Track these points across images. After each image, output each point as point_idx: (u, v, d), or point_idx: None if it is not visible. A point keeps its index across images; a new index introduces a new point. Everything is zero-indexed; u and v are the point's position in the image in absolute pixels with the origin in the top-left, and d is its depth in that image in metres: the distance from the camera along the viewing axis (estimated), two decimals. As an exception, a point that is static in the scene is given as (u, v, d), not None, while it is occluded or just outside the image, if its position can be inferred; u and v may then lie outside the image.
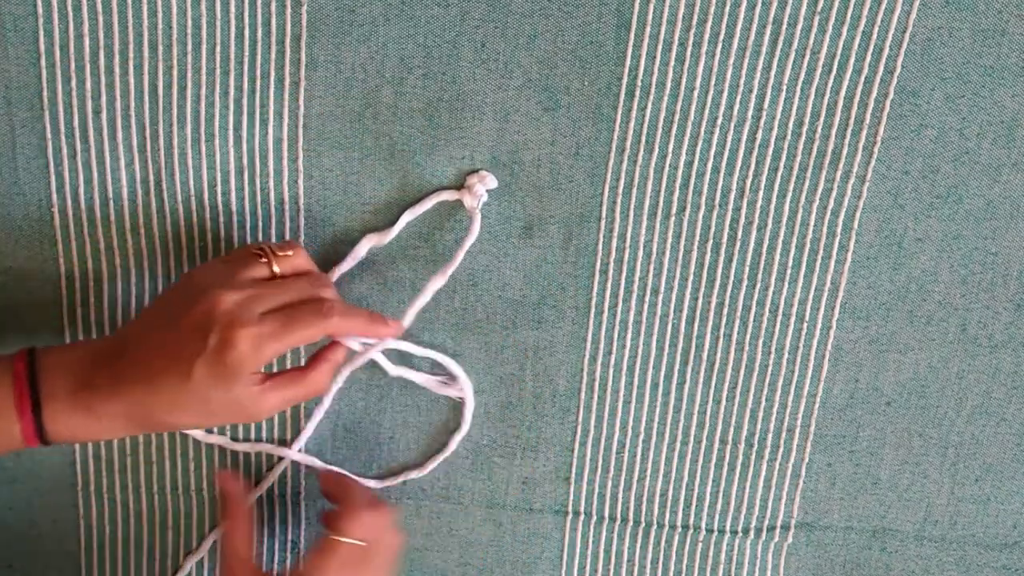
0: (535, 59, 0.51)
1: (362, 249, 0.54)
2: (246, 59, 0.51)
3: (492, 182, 0.53)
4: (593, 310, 0.56)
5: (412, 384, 0.57)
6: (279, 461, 0.59)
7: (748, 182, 0.53)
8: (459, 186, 0.53)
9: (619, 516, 0.60)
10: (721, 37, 0.50)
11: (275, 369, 0.54)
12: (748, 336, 0.56)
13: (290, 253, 0.50)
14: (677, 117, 0.52)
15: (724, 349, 0.57)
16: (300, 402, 0.53)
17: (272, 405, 0.48)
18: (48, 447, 0.48)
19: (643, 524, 0.61)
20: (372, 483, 0.59)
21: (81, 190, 0.53)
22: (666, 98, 0.51)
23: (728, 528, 0.61)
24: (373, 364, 0.56)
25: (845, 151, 0.52)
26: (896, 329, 0.56)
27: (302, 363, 0.56)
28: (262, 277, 0.49)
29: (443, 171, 0.53)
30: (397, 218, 0.54)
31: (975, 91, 0.51)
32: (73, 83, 0.51)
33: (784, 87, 0.51)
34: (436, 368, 0.57)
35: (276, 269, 0.49)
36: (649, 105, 0.51)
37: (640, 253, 0.55)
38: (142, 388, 0.47)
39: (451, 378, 0.57)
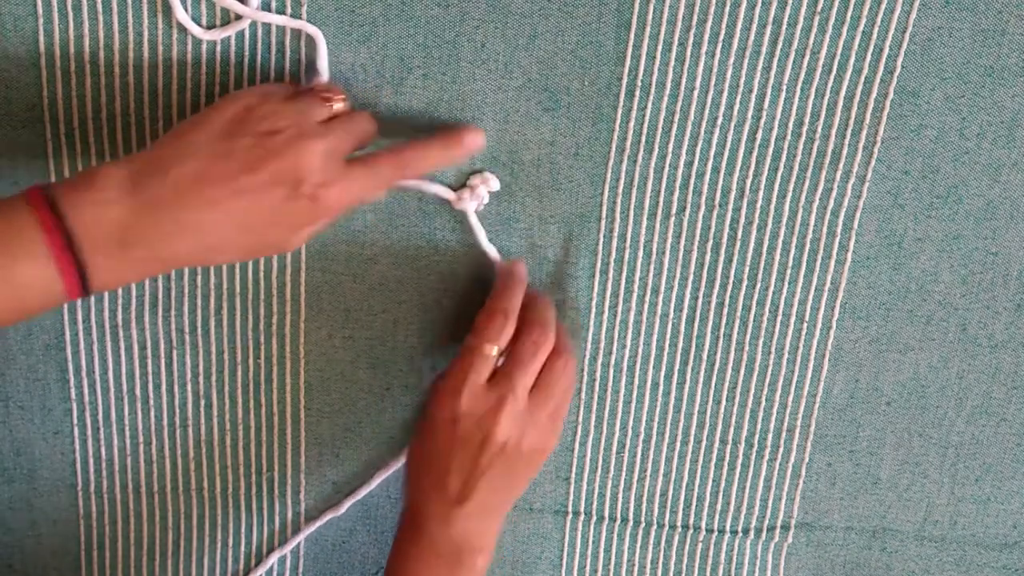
0: (535, 59, 0.51)
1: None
2: (246, 59, 0.51)
3: (495, 183, 0.53)
4: (593, 310, 0.56)
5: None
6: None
7: (748, 182, 0.53)
8: (461, 186, 0.53)
9: (619, 516, 0.60)
10: (721, 37, 0.50)
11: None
12: (748, 336, 0.56)
13: (346, 97, 0.49)
14: (677, 117, 0.52)
15: (724, 349, 0.57)
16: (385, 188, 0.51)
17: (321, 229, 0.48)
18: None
19: (643, 524, 0.61)
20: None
21: (81, 190, 0.53)
22: (666, 98, 0.51)
23: (728, 528, 0.61)
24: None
25: (845, 151, 0.52)
26: (896, 329, 0.56)
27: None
28: (325, 117, 0.47)
29: (444, 171, 0.53)
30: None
31: (975, 91, 0.51)
32: (73, 83, 0.51)
33: (784, 87, 0.51)
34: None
35: (337, 107, 0.48)
36: (649, 105, 0.51)
37: (640, 253, 0.55)
38: (212, 238, 0.44)
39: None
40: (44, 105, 0.51)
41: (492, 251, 0.54)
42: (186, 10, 0.49)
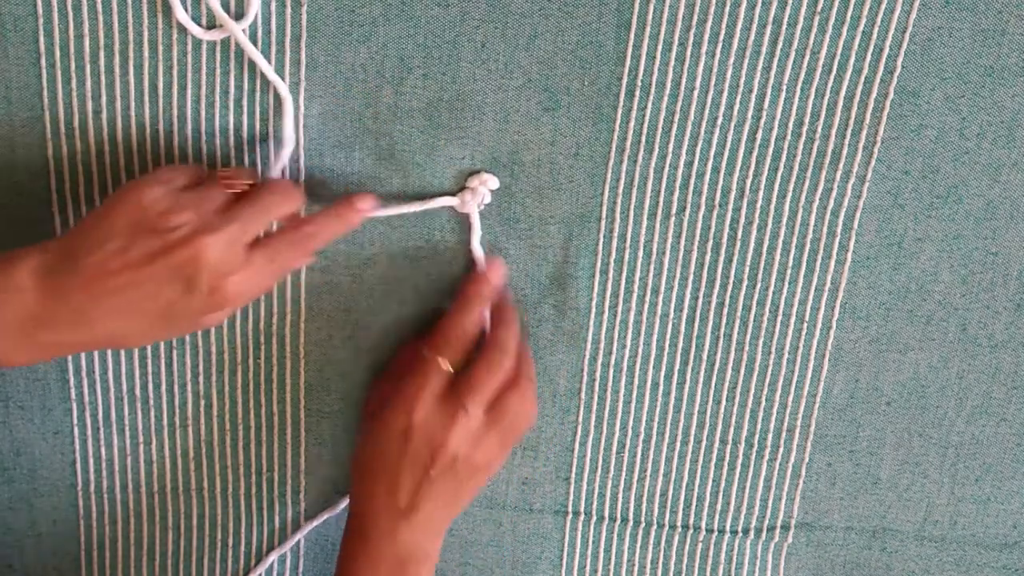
0: (535, 59, 0.51)
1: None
2: (246, 59, 0.51)
3: (494, 183, 0.53)
4: (593, 310, 0.56)
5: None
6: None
7: (748, 182, 0.53)
8: (461, 187, 0.53)
9: (619, 516, 0.61)
10: (721, 37, 0.50)
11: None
12: (748, 336, 0.56)
13: (254, 180, 0.50)
14: (677, 117, 0.52)
15: (724, 349, 0.57)
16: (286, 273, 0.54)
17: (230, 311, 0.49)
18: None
19: (643, 524, 0.61)
20: None
21: (81, 190, 0.53)
22: (666, 98, 0.51)
23: (728, 528, 0.61)
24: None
25: (845, 151, 0.52)
26: (896, 329, 0.56)
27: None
28: (228, 201, 0.48)
29: (443, 171, 0.53)
30: (397, 218, 0.54)
31: (975, 91, 0.51)
32: (73, 83, 0.51)
33: (784, 87, 0.51)
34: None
35: (238, 190, 0.49)
36: (649, 105, 0.51)
37: (640, 253, 0.55)
38: (113, 323, 0.46)
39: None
40: (44, 105, 0.51)
41: (480, 253, 0.54)
42: (186, 10, 0.49)
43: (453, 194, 0.53)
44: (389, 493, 0.51)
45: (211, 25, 0.50)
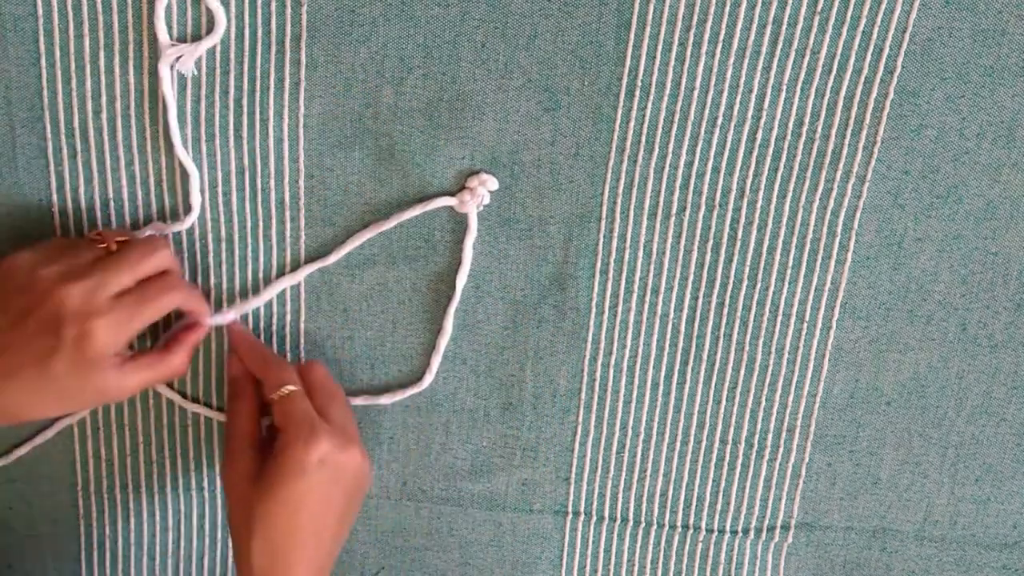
0: (535, 59, 0.51)
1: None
2: (246, 59, 0.51)
3: (493, 184, 0.53)
4: (593, 310, 0.56)
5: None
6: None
7: (748, 182, 0.53)
8: (460, 187, 0.53)
9: (619, 516, 0.60)
10: (721, 37, 0.50)
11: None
12: (748, 336, 0.56)
13: (125, 238, 0.50)
14: (677, 117, 0.52)
15: (724, 349, 0.57)
16: (161, 382, 0.54)
17: (133, 385, 0.49)
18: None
19: (643, 524, 0.61)
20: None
21: (81, 190, 0.53)
22: (666, 98, 0.51)
23: (728, 528, 0.61)
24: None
25: (845, 151, 0.52)
26: (896, 329, 0.56)
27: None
28: (98, 258, 0.49)
29: (443, 171, 0.53)
30: (399, 220, 0.54)
31: (975, 91, 0.51)
32: (73, 83, 0.51)
33: (784, 87, 0.51)
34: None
35: (112, 248, 0.50)
36: (649, 105, 0.51)
37: (640, 253, 0.55)
38: (5, 395, 0.46)
39: None
40: (44, 105, 0.51)
41: (469, 255, 0.54)
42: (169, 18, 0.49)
43: (453, 194, 0.53)
44: (316, 540, 0.50)
45: (195, 36, 0.50)
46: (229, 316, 0.55)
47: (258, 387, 0.53)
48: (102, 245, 0.49)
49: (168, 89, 0.50)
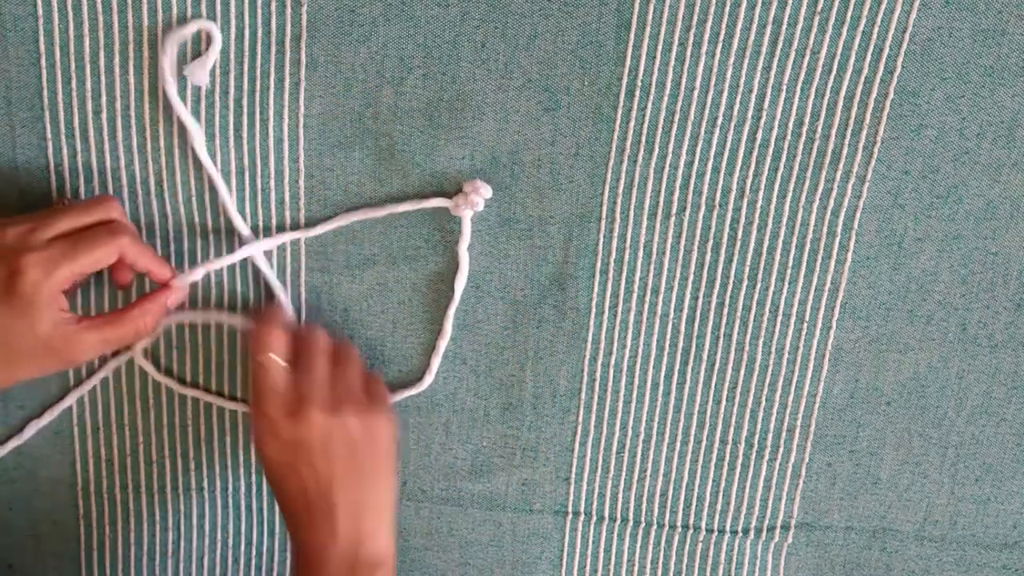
0: (535, 59, 0.51)
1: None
2: (246, 59, 0.51)
3: (487, 192, 0.52)
4: (593, 310, 0.56)
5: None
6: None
7: (748, 182, 0.53)
8: (459, 188, 0.53)
9: (619, 516, 0.61)
10: (721, 37, 0.50)
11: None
12: (748, 336, 0.56)
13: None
14: (677, 117, 0.52)
15: (724, 349, 0.57)
16: (123, 344, 0.51)
17: (89, 345, 0.48)
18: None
19: (643, 524, 0.61)
20: None
21: (81, 190, 0.53)
22: (666, 98, 0.51)
23: (728, 528, 0.61)
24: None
25: (845, 151, 0.52)
26: (896, 329, 0.56)
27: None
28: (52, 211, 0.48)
29: (443, 171, 0.53)
30: (395, 219, 0.54)
31: (975, 91, 0.51)
32: (73, 83, 0.51)
33: (784, 87, 0.51)
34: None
35: (65, 202, 0.49)
36: (649, 105, 0.51)
37: (640, 253, 0.55)
38: None
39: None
40: (44, 105, 0.51)
41: (465, 258, 0.54)
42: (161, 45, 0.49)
43: (452, 195, 0.53)
44: (305, 511, 0.50)
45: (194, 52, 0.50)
46: (198, 272, 0.53)
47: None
48: (59, 202, 0.50)
49: (187, 116, 0.51)
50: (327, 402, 0.50)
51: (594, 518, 0.61)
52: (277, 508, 0.60)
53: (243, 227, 0.54)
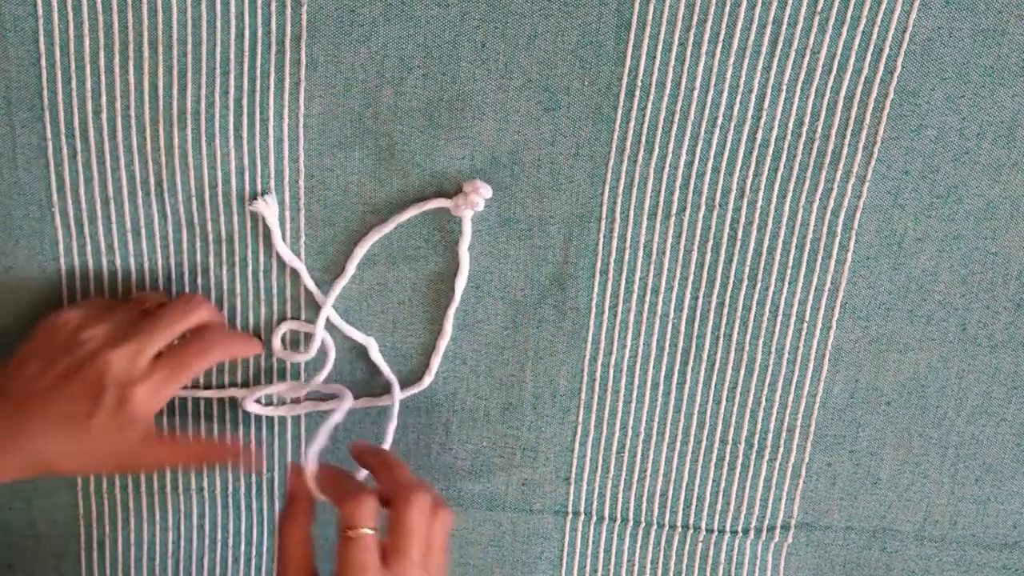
0: (535, 59, 0.51)
1: (352, 265, 0.55)
2: (246, 59, 0.51)
3: (487, 191, 0.52)
4: (593, 310, 0.56)
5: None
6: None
7: (748, 182, 0.53)
8: (459, 188, 0.53)
9: (619, 516, 0.60)
10: (721, 37, 0.50)
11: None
12: (748, 336, 0.56)
13: (161, 299, 0.53)
14: (677, 117, 0.52)
15: (724, 349, 0.57)
16: (184, 465, 0.57)
17: (160, 461, 0.51)
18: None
19: (643, 524, 0.61)
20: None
21: (81, 190, 0.53)
22: (666, 98, 0.51)
23: (728, 528, 0.61)
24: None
25: (845, 151, 0.52)
26: (896, 329, 0.56)
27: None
28: (137, 318, 0.51)
29: (443, 171, 0.53)
30: (397, 222, 0.54)
31: (975, 91, 0.51)
32: (73, 83, 0.51)
33: (784, 87, 0.51)
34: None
35: (145, 306, 0.52)
36: (649, 105, 0.51)
37: (640, 253, 0.55)
38: (39, 440, 0.48)
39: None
40: (44, 105, 0.51)
41: (465, 258, 0.54)
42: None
43: (452, 195, 0.53)
44: None
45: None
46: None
47: (311, 508, 0.51)
48: (144, 307, 0.52)
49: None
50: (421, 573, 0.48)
51: (594, 518, 0.61)
52: (277, 508, 0.60)
53: (320, 296, 0.55)
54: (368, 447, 0.54)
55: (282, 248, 0.54)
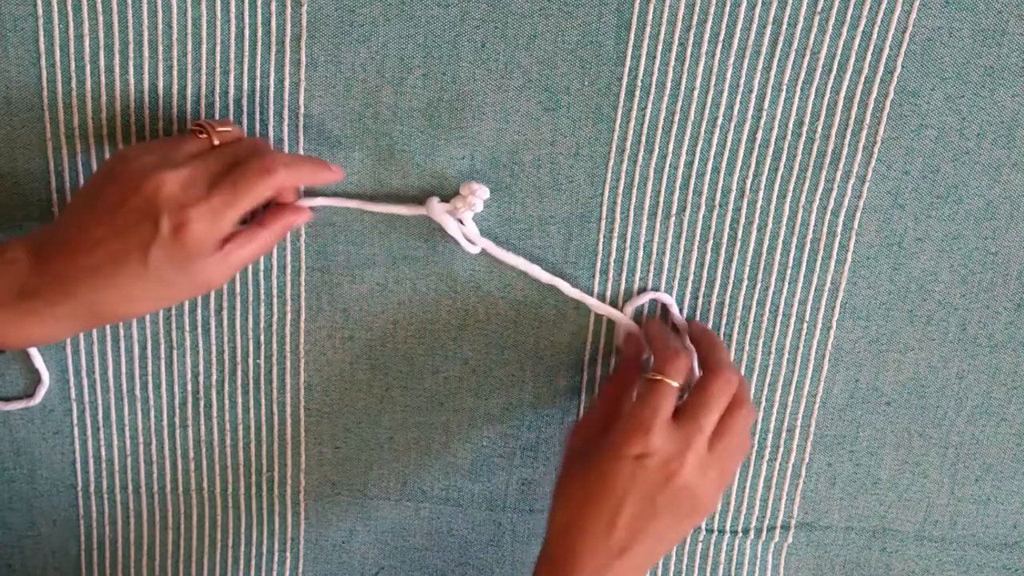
0: (535, 59, 0.51)
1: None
2: (246, 59, 0.51)
3: (484, 193, 0.52)
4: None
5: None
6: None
7: (748, 182, 0.53)
8: (456, 191, 0.53)
9: (619, 516, 0.60)
10: (721, 37, 0.50)
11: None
12: (748, 336, 0.56)
13: (229, 128, 0.49)
14: (677, 117, 0.52)
15: (724, 349, 0.57)
16: (252, 262, 0.52)
17: (232, 269, 0.48)
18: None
19: (643, 524, 0.61)
20: None
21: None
22: (666, 98, 0.51)
23: (728, 528, 0.61)
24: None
25: (845, 151, 0.52)
26: (896, 329, 0.56)
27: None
28: (201, 151, 0.48)
29: (443, 171, 0.53)
30: (396, 218, 0.54)
31: (975, 91, 0.51)
32: (73, 83, 0.51)
33: (784, 87, 0.51)
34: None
35: (216, 142, 0.48)
36: (649, 105, 0.51)
37: (640, 253, 0.55)
38: (92, 285, 0.45)
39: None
40: (44, 105, 0.51)
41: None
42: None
43: (448, 199, 0.53)
44: (606, 529, 0.47)
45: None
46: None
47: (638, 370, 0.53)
48: (203, 136, 0.48)
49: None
50: (699, 470, 0.48)
51: (594, 518, 0.60)
52: (277, 508, 0.60)
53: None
54: (700, 327, 0.54)
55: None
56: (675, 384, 0.49)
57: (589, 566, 0.47)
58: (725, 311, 0.56)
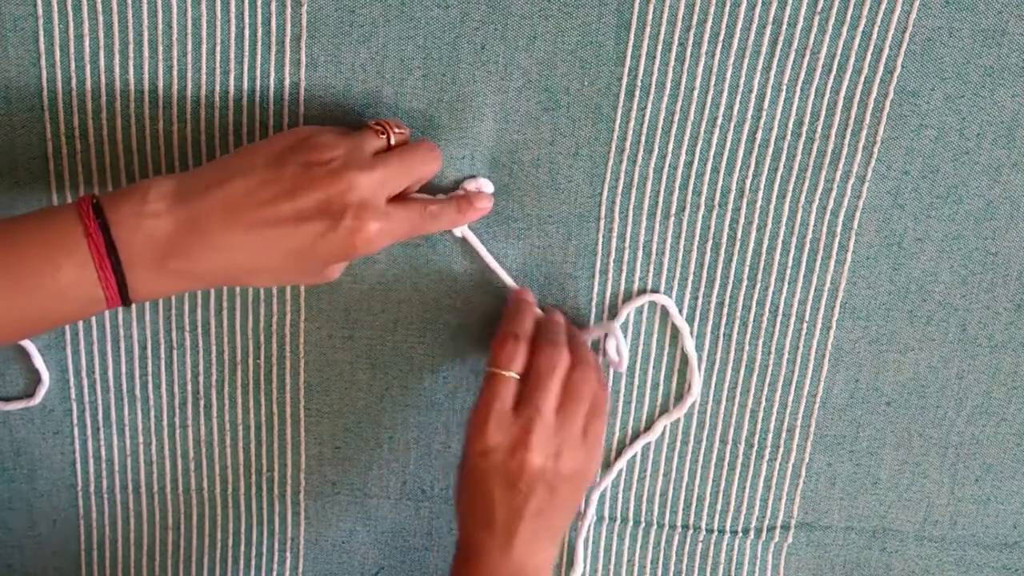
0: (535, 60, 0.51)
1: None
2: (246, 59, 0.51)
3: (488, 187, 0.52)
4: (593, 310, 0.56)
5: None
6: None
7: (748, 182, 0.53)
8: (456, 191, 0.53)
9: (619, 516, 0.60)
10: (721, 37, 0.50)
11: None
12: (748, 336, 0.56)
13: (404, 131, 0.49)
14: (677, 117, 0.52)
15: (724, 349, 0.57)
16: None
17: (378, 247, 0.47)
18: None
19: (643, 524, 0.61)
20: None
21: (81, 190, 0.53)
22: (666, 98, 0.51)
23: (728, 528, 0.61)
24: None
25: (845, 151, 0.52)
26: (896, 329, 0.56)
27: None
28: (379, 150, 0.48)
29: (443, 171, 0.53)
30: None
31: (975, 91, 0.51)
32: (73, 83, 0.51)
33: (784, 87, 0.51)
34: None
35: (392, 142, 0.48)
36: (649, 105, 0.51)
37: (640, 253, 0.55)
38: (248, 259, 0.44)
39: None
40: (44, 106, 0.51)
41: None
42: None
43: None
44: (487, 520, 0.49)
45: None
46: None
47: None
48: (383, 136, 0.48)
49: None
50: (547, 450, 0.49)
51: (594, 518, 0.60)
52: (277, 508, 0.60)
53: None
54: (548, 314, 0.54)
55: None
56: (508, 374, 0.49)
57: (486, 550, 0.50)
58: (725, 311, 0.56)
